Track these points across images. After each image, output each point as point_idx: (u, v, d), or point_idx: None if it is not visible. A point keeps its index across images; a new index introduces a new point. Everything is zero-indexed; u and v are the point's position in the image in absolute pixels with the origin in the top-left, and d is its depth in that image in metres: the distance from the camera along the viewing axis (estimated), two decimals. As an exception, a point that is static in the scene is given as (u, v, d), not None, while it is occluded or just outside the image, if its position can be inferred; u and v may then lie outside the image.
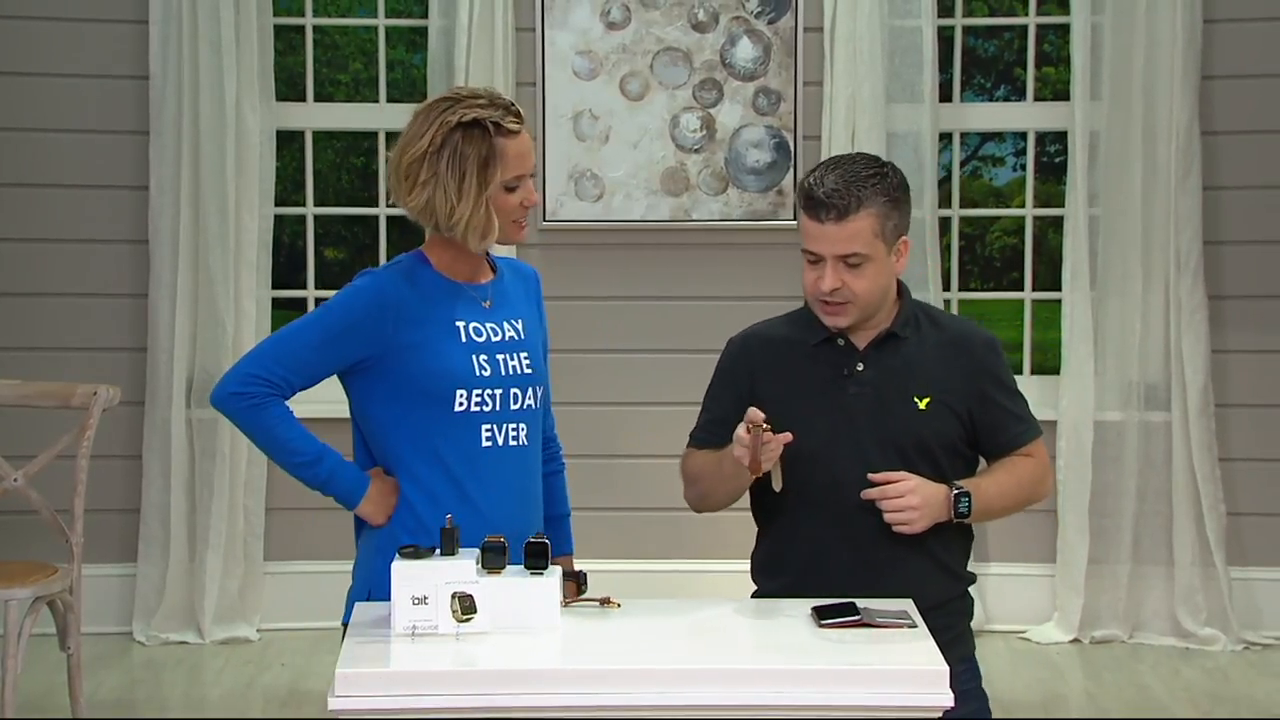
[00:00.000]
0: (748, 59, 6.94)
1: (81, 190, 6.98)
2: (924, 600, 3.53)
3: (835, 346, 3.61)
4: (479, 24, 6.81)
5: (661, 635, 3.37)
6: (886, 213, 3.54)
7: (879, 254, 3.54)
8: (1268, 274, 6.88)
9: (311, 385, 3.65)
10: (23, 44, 6.92)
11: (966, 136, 7.34)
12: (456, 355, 3.60)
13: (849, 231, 3.49)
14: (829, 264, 3.52)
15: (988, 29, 7.38)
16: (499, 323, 3.67)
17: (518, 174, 3.63)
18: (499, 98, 3.67)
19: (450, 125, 3.58)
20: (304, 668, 6.50)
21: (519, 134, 3.63)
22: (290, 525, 6.96)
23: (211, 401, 3.67)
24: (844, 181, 3.52)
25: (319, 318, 3.67)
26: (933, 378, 3.52)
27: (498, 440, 3.63)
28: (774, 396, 3.56)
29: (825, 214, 3.49)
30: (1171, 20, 6.75)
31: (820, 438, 3.53)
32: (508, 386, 3.63)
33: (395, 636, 3.23)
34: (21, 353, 6.86)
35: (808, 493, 3.59)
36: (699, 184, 6.97)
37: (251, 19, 6.85)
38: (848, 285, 3.51)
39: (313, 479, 3.65)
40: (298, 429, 3.63)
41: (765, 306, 6.94)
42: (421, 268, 3.67)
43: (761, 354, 3.70)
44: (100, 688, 6.18)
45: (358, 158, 7.53)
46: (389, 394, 3.62)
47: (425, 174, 3.59)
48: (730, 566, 6.97)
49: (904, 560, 3.58)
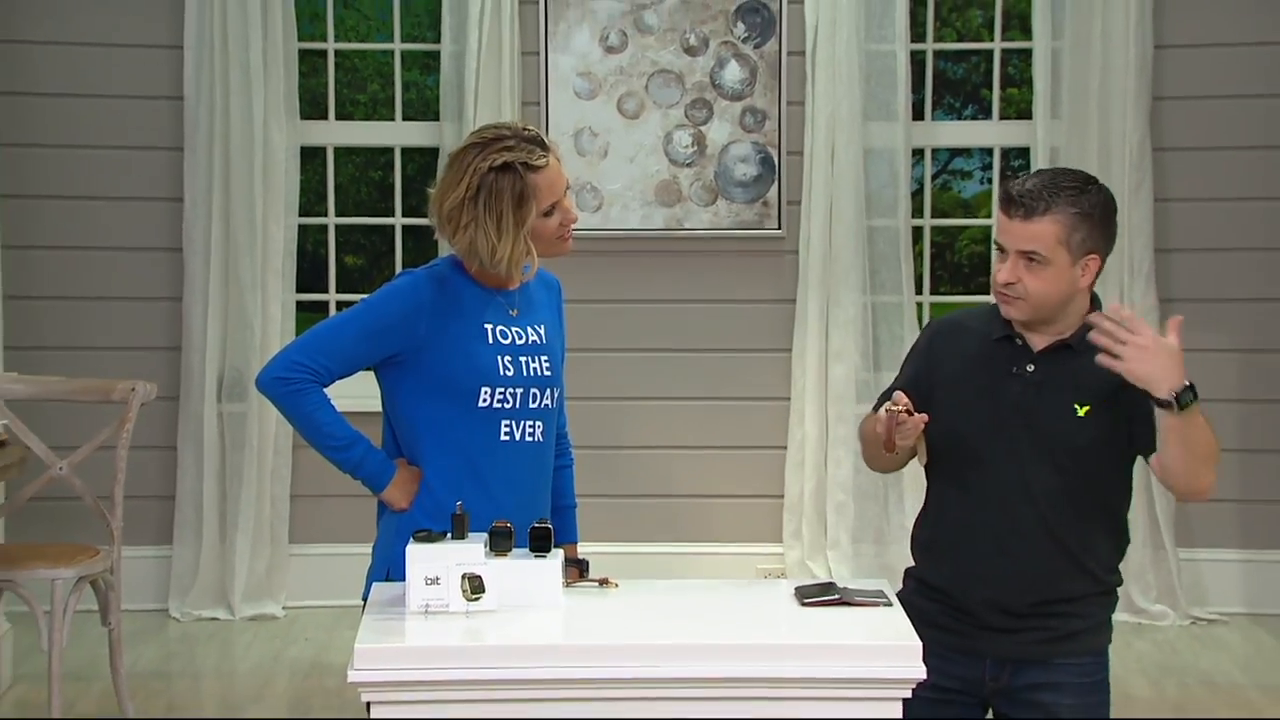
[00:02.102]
0: (735, 80, 6.93)
1: (121, 202, 6.99)
2: (1054, 592, 3.48)
3: (1013, 344, 3.53)
4: (487, 49, 6.81)
5: (656, 613, 3.36)
6: (1075, 224, 3.43)
7: (1060, 261, 3.44)
8: (1212, 279, 6.89)
9: (349, 375, 3.63)
10: (68, 68, 6.93)
11: (937, 152, 7.33)
12: (484, 355, 3.59)
13: (1031, 231, 3.42)
14: (1011, 257, 3.45)
15: (956, 53, 7.36)
16: (524, 327, 3.66)
17: (552, 200, 3.61)
18: (523, 131, 3.62)
19: (483, 171, 3.55)
20: (326, 642, 6.50)
21: (547, 164, 3.59)
22: (313, 511, 6.96)
23: (257, 384, 3.66)
24: (1040, 185, 3.45)
25: (359, 313, 3.66)
26: (1097, 388, 3.42)
27: (515, 435, 3.62)
28: (949, 379, 3.51)
29: (1014, 210, 3.44)
30: (1125, 46, 6.76)
31: (979, 425, 3.47)
32: (528, 387, 3.62)
33: (410, 614, 3.22)
34: (66, 351, 6.85)
35: (959, 475, 3.52)
36: (690, 196, 6.96)
37: (278, 44, 6.86)
38: (1023, 281, 3.43)
39: (344, 462, 3.63)
40: (334, 415, 3.62)
41: (751, 308, 6.99)
42: (456, 273, 3.65)
43: (949, 339, 3.63)
44: (139, 660, 6.18)
45: (375, 171, 7.52)
46: (419, 387, 3.60)
47: (465, 218, 3.56)
48: (720, 549, 7.00)
49: (1042, 551, 3.48)
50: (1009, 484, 3.48)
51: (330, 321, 3.70)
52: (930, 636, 3.32)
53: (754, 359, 7.05)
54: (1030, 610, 3.48)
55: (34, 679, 5.90)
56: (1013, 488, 3.48)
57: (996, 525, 3.48)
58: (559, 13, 6.91)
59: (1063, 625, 3.48)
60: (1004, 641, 3.47)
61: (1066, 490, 3.49)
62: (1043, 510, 3.48)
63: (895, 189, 6.94)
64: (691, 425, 7.03)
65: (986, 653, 3.45)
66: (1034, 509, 3.48)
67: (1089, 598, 3.54)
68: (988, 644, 3.45)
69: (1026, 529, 3.47)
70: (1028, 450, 3.47)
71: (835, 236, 6.89)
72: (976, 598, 3.46)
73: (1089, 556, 3.53)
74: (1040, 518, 3.48)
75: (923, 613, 3.43)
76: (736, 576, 6.70)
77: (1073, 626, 3.49)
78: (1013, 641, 3.47)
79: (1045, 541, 3.48)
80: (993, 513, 3.48)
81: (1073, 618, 3.49)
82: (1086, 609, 3.53)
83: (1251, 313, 6.90)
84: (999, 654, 3.48)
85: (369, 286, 7.39)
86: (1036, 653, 3.47)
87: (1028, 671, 3.48)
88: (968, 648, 3.40)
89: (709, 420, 7.04)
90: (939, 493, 3.60)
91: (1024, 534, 3.47)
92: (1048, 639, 3.48)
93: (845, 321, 6.90)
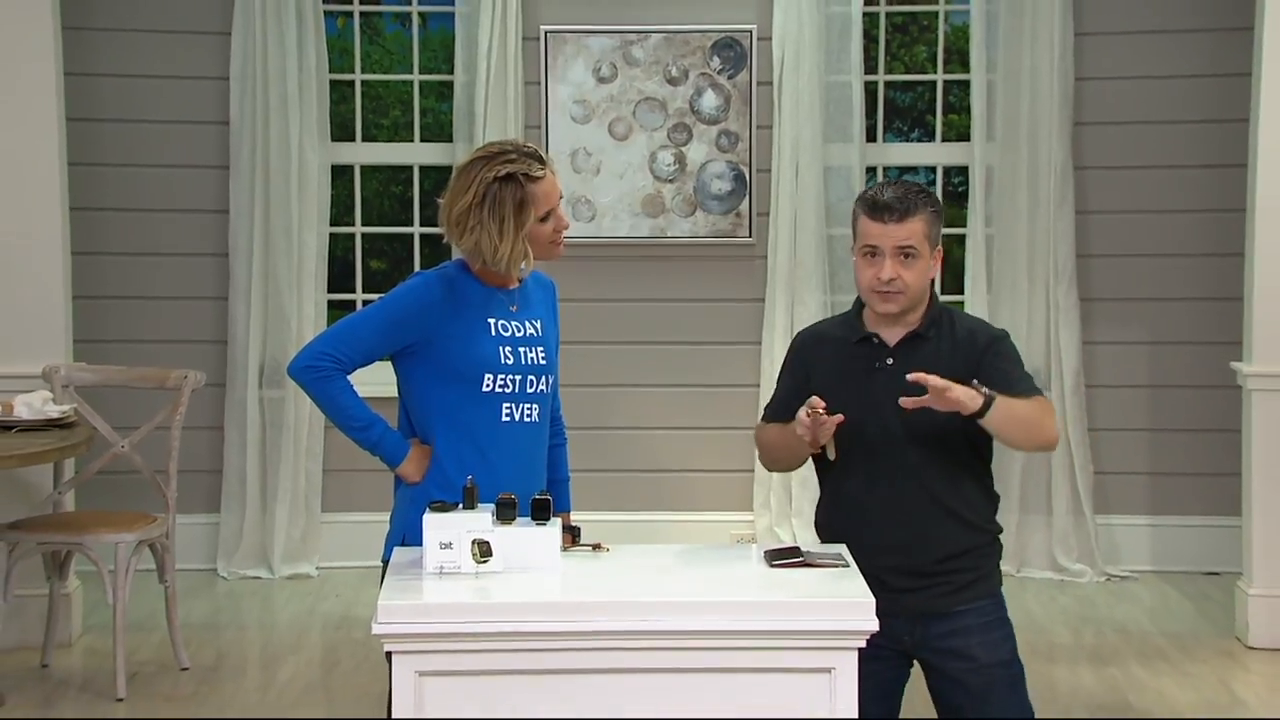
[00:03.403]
0: (712, 107, 6.91)
1: (174, 214, 7.00)
2: (946, 549, 3.50)
3: (870, 344, 3.53)
4: (495, 79, 6.80)
5: (643, 573, 3.35)
6: (932, 221, 3.49)
7: (925, 254, 3.48)
8: (1126, 281, 6.91)
9: (369, 363, 3.61)
10: (128, 98, 6.94)
11: (888, 170, 7.31)
12: (487, 346, 3.57)
13: (907, 230, 3.44)
14: (887, 258, 3.45)
15: (904, 84, 7.35)
16: (522, 321, 3.64)
17: (549, 208, 3.60)
18: (524, 147, 3.62)
19: (488, 180, 3.53)
20: (353, 599, 6.48)
21: (544, 176, 3.58)
22: (342, 483, 6.94)
23: (288, 372, 3.66)
24: (902, 192, 3.49)
25: (378, 309, 3.65)
26: (948, 369, 3.41)
27: (515, 417, 3.60)
28: (823, 384, 3.50)
29: (888, 216, 3.44)
30: (1050, 79, 6.77)
31: (856, 418, 3.45)
32: (525, 373, 3.60)
33: (426, 575, 3.21)
34: (127, 344, 6.85)
35: (848, 464, 3.53)
36: (672, 208, 6.95)
37: (311, 75, 6.86)
38: (901, 276, 3.44)
39: (364, 441, 3.62)
40: (355, 399, 3.61)
41: (725, 306, 6.99)
42: (463, 274, 3.63)
43: (814, 348, 3.63)
44: (191, 613, 6.16)
45: (397, 186, 7.51)
46: (430, 374, 3.59)
47: (472, 221, 3.54)
48: (700, 517, 7.00)
49: (929, 516, 3.51)
50: (892, 463, 3.49)
51: (352, 317, 3.68)
52: None
53: (728, 351, 7.04)
54: (933, 568, 3.49)
55: (100, 629, 5.89)
56: (896, 466, 3.49)
57: (889, 500, 3.49)
58: (557, 48, 6.89)
59: (959, 578, 3.50)
60: (911, 600, 3.48)
61: (938, 459, 3.50)
62: (923, 480, 3.49)
63: (851, 203, 6.90)
64: (673, 409, 7.03)
65: (899, 612, 3.44)
66: (916, 480, 3.50)
67: (977, 549, 3.56)
68: (898, 605, 3.44)
69: (914, 498, 3.49)
70: (900, 431, 3.47)
71: (799, 243, 6.89)
72: (884, 566, 3.44)
73: (969, 512, 3.55)
74: (922, 486, 3.50)
75: None
76: (713, 541, 6.69)
77: (967, 578, 3.50)
78: (918, 599, 3.48)
79: (931, 506, 3.49)
80: (884, 490, 3.50)
81: (966, 570, 3.49)
82: (976, 560, 3.55)
83: (1159, 310, 6.91)
84: (909, 611, 3.48)
85: (391, 287, 7.37)
86: (940, 605, 3.48)
87: (936, 623, 3.49)
88: (881, 610, 3.39)
89: (688, 404, 7.04)
90: (834, 481, 3.60)
91: (913, 503, 3.49)
92: (948, 591, 3.49)
93: (808, 318, 6.87)
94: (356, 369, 3.60)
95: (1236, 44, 6.41)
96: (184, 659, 5.58)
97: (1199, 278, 6.89)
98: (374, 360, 3.63)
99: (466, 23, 6.90)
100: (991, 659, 3.48)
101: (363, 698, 5.26)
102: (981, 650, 3.48)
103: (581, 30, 6.90)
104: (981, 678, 3.46)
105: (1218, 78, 6.78)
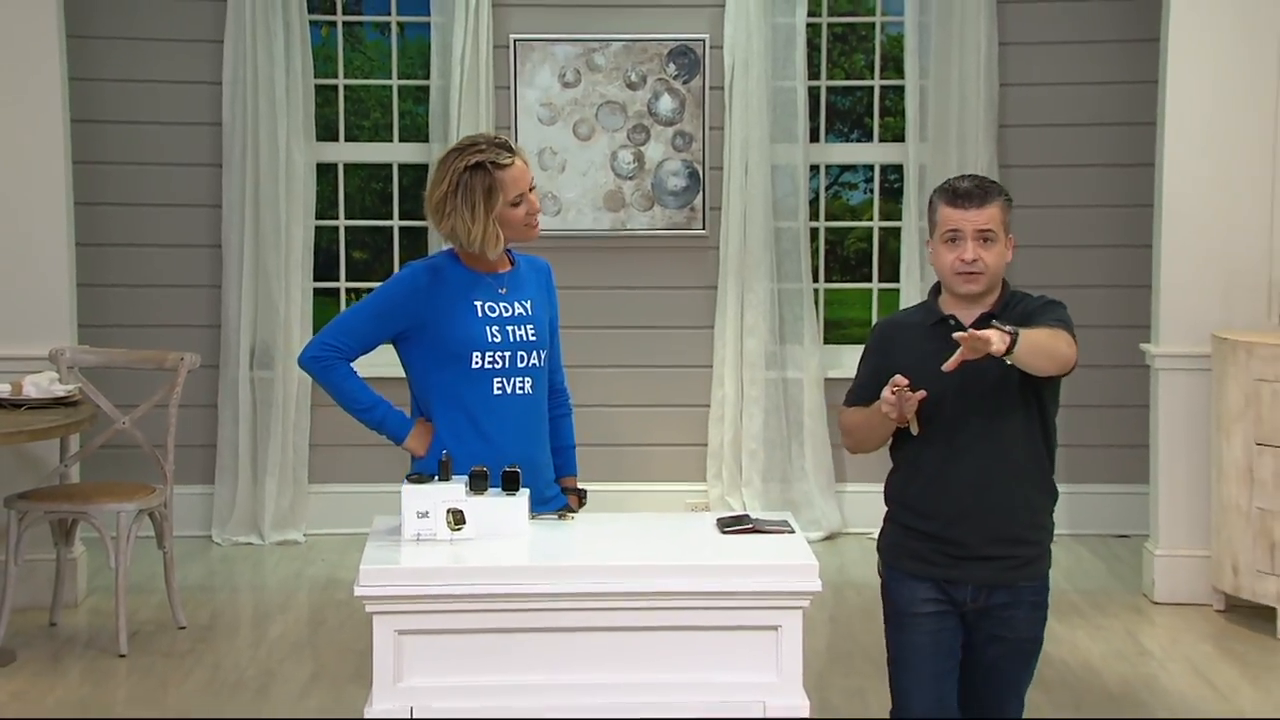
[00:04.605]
0: (668, 110, 6.90)
1: (171, 208, 6.95)
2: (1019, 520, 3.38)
3: (948, 324, 3.42)
4: (468, 84, 6.77)
5: (605, 540, 3.35)
6: (1005, 209, 3.43)
7: (1001, 237, 3.41)
8: (1047, 270, 6.90)
9: (368, 350, 3.63)
10: (128, 100, 6.89)
11: (829, 168, 7.31)
12: (474, 326, 3.56)
13: (985, 215, 3.37)
14: (969, 240, 3.37)
15: (844, 89, 7.34)
16: (510, 302, 3.63)
17: (518, 193, 3.59)
18: (494, 139, 3.63)
19: (459, 170, 3.55)
20: (338, 563, 6.46)
21: (512, 163, 3.58)
22: (328, 457, 6.92)
23: (298, 363, 3.67)
24: (979, 181, 3.43)
25: (371, 300, 3.65)
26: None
27: (507, 390, 3.59)
28: (903, 366, 3.37)
29: (968, 203, 3.37)
30: (977, 85, 6.79)
31: (939, 394, 3.33)
32: (515, 350, 3.59)
33: (405, 541, 3.20)
34: (128, 329, 6.81)
35: (928, 436, 3.39)
36: (632, 203, 6.93)
37: (298, 80, 6.81)
38: (982, 258, 3.36)
39: (369, 421, 3.64)
40: (359, 384, 3.62)
41: (680, 293, 6.99)
42: (451, 262, 3.64)
43: (894, 334, 3.51)
44: (187, 576, 6.13)
45: (377, 183, 7.46)
46: (425, 356, 3.59)
47: (448, 208, 3.56)
48: (656, 488, 7.00)
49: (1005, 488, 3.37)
50: (974, 435, 3.37)
51: (351, 309, 3.70)
52: (925, 572, 3.36)
53: (683, 334, 7.03)
54: (1013, 537, 3.38)
55: (103, 591, 5.86)
56: (977, 438, 3.37)
57: (968, 471, 3.37)
58: (525, 55, 6.86)
59: (1026, 551, 3.38)
60: (985, 569, 3.37)
61: (1016, 430, 3.39)
62: (1000, 453, 3.37)
63: (796, 197, 6.93)
64: (632, 388, 7.02)
65: (970, 579, 3.36)
66: (993, 453, 3.37)
67: (1042, 526, 3.45)
68: (973, 572, 3.36)
69: (990, 471, 3.37)
70: (981, 404, 3.37)
71: (748, 235, 6.88)
72: (965, 534, 3.35)
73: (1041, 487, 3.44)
74: (1000, 459, 3.37)
75: (915, 553, 3.39)
76: (669, 510, 6.69)
77: (1032, 552, 3.39)
78: (992, 568, 3.37)
79: (1007, 479, 3.38)
80: (963, 462, 3.37)
81: (1031, 544, 3.39)
82: (1041, 535, 3.44)
83: (1076, 296, 6.74)
84: (980, 580, 3.37)
85: (372, 276, 7.36)
86: (1008, 578, 3.38)
87: (998, 593, 3.38)
88: (955, 578, 3.33)
89: (647, 383, 7.03)
90: (912, 455, 3.45)
91: (990, 475, 3.37)
92: (1016, 565, 3.38)
93: (756, 304, 6.89)
94: (358, 356, 3.62)
95: (1145, 54, 6.44)
96: (181, 618, 5.55)
97: (1111, 267, 6.92)
98: (373, 347, 3.64)
99: (441, 32, 6.87)
100: (1030, 635, 3.42)
101: (346, 654, 5.25)
102: (1024, 626, 3.41)
103: (548, 39, 6.87)
104: (1016, 649, 3.41)
105: (1129, 84, 6.81)
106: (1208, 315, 5.81)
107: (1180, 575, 5.88)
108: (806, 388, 6.93)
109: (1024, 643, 3.42)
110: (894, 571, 3.44)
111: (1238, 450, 5.56)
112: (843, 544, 6.79)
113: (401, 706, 3.01)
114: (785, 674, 3.04)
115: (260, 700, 4.83)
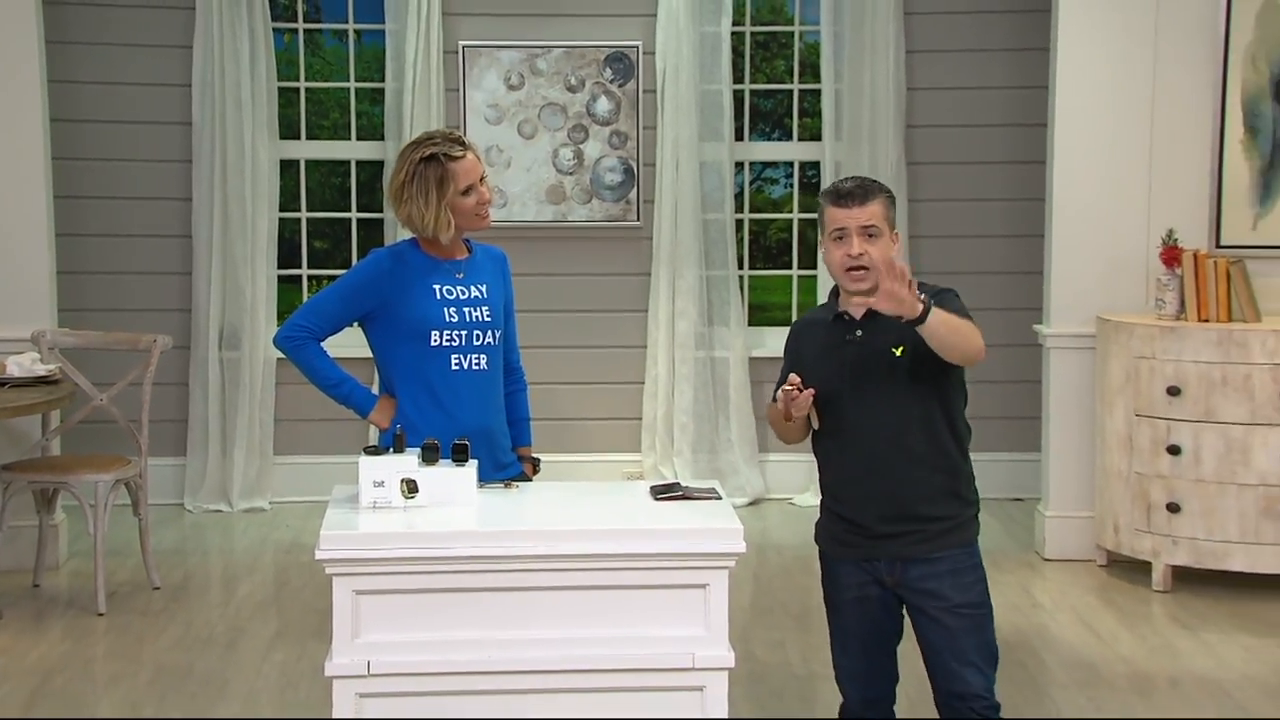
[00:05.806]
0: (605, 111, 6.89)
1: (144, 201, 6.88)
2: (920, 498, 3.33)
3: (843, 320, 3.38)
4: (420, 87, 6.73)
5: (547, 506, 3.35)
6: (888, 205, 3.36)
7: (886, 233, 3.33)
8: (950, 258, 6.98)
9: (337, 330, 3.62)
10: (104, 101, 6.82)
11: (753, 164, 7.33)
12: (432, 307, 3.56)
13: (868, 212, 3.30)
14: (854, 237, 3.31)
15: (766, 91, 7.36)
16: (467, 286, 3.63)
17: (468, 184, 3.59)
18: (449, 133, 3.64)
19: (415, 161, 3.56)
20: (301, 528, 6.42)
21: (464, 156, 3.59)
22: (291, 430, 6.87)
23: (273, 342, 3.66)
24: (859, 181, 3.38)
25: (338, 284, 3.65)
26: (905, 332, 3.24)
27: (464, 365, 3.59)
28: (809, 362, 3.36)
29: (850, 201, 3.32)
30: (887, 88, 6.82)
31: (835, 388, 3.33)
32: (470, 329, 3.59)
33: (362, 509, 3.18)
34: (105, 313, 6.74)
35: (833, 429, 3.38)
36: (572, 196, 6.92)
37: (263, 83, 6.76)
38: (868, 252, 3.29)
39: (337, 396, 3.65)
40: (328, 362, 3.62)
41: (616, 280, 6.99)
42: (412, 250, 3.63)
43: (804, 334, 3.45)
44: (161, 541, 6.07)
45: (336, 178, 7.41)
46: (388, 334, 3.59)
47: (405, 195, 3.57)
48: (594, 458, 7.00)
49: (903, 470, 3.32)
50: (867, 424, 3.34)
51: (320, 293, 3.69)
52: (844, 553, 3.35)
53: (619, 317, 7.04)
54: (908, 516, 3.33)
55: (83, 555, 5.82)
56: (871, 426, 3.34)
57: (868, 457, 3.34)
58: (473, 60, 6.83)
59: (934, 526, 3.34)
60: (891, 545, 3.33)
61: (908, 416, 3.34)
62: (896, 437, 3.32)
63: (723, 192, 6.94)
64: (572, 366, 7.02)
65: (881, 556, 3.33)
66: (889, 438, 3.33)
67: (948, 501, 3.37)
68: (880, 549, 3.34)
69: (888, 455, 3.33)
70: (872, 394, 3.34)
71: (679, 227, 6.89)
72: (868, 515, 3.34)
73: (942, 466, 3.37)
74: (895, 444, 3.32)
75: (834, 535, 3.39)
76: (607, 479, 6.71)
77: (941, 526, 3.34)
78: (898, 544, 3.33)
79: (903, 462, 3.33)
80: (863, 449, 3.35)
81: (939, 519, 3.34)
82: (948, 510, 3.37)
83: (977, 281, 6.93)
84: (889, 555, 3.34)
85: (331, 264, 7.31)
86: (917, 551, 3.33)
87: (914, 566, 3.33)
88: (868, 555, 3.30)
89: (586, 363, 7.03)
90: (823, 446, 3.45)
91: (887, 459, 3.33)
92: (924, 539, 3.33)
93: (686, 289, 6.91)
94: (328, 336, 3.62)
95: (1037, 62, 6.50)
96: (156, 580, 5.51)
97: (1007, 255, 6.98)
98: (341, 327, 3.64)
99: (395, 38, 6.82)
100: (963, 600, 3.33)
101: (308, 612, 5.22)
102: (954, 591, 3.32)
103: (494, 45, 6.84)
104: (953, 616, 3.31)
105: (1023, 89, 6.87)
106: (1093, 299, 5.88)
107: (1068, 534, 5.96)
108: (733, 366, 6.96)
109: (958, 609, 3.32)
110: (825, 555, 3.44)
111: (1119, 421, 5.63)
112: (766, 509, 6.83)
113: (359, 661, 3.00)
114: (713, 628, 3.05)
115: (229, 654, 4.80)
